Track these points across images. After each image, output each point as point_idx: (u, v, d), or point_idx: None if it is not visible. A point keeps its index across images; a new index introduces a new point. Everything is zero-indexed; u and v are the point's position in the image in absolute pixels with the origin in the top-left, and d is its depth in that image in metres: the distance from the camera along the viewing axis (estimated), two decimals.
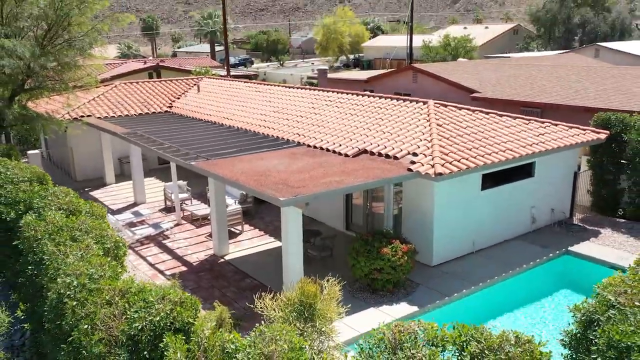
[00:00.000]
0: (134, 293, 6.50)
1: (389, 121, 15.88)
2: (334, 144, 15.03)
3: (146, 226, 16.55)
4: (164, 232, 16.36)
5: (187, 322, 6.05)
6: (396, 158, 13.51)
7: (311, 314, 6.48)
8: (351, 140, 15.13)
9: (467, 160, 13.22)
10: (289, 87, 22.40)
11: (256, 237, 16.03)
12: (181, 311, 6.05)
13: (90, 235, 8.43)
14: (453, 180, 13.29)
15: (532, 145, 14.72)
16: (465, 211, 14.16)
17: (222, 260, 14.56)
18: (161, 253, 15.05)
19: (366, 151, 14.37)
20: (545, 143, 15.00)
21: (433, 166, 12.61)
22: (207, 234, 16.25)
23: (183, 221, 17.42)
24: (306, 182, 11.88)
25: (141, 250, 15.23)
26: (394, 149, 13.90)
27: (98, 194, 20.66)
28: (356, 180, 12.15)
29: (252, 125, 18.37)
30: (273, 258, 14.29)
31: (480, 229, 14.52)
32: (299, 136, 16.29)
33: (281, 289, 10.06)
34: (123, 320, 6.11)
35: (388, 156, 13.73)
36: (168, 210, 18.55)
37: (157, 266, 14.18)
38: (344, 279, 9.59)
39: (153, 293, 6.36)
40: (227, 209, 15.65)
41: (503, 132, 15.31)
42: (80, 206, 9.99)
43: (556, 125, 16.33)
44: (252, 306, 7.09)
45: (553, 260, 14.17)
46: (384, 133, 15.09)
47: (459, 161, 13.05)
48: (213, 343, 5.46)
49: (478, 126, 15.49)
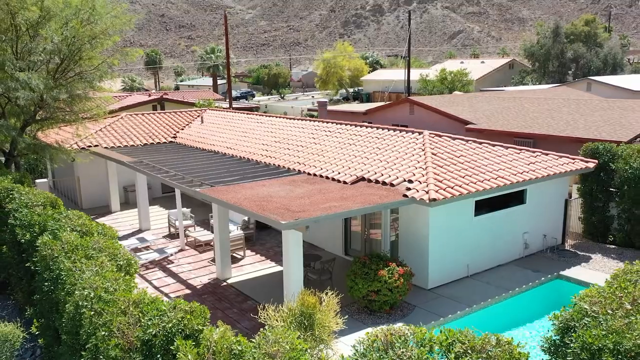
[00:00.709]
0: (147, 303, 7.03)
1: (386, 150, 16.56)
2: (333, 172, 15.68)
3: (151, 251, 17.06)
4: (168, 257, 16.86)
5: (197, 330, 6.56)
6: (392, 185, 14.14)
7: (311, 323, 6.99)
8: (349, 168, 15.79)
9: (460, 187, 13.83)
10: (290, 119, 23.21)
11: (258, 262, 16.52)
12: (191, 319, 6.57)
13: (103, 253, 8.98)
14: (447, 206, 13.90)
15: (523, 173, 15.37)
16: (459, 236, 14.70)
17: (225, 283, 15.03)
18: (166, 277, 15.53)
19: (364, 179, 15.00)
20: (535, 171, 15.64)
21: (427, 192, 13.21)
22: (210, 259, 16.74)
23: (187, 247, 17.93)
24: (306, 207, 12.47)
25: (146, 274, 15.71)
26: (391, 177, 14.54)
27: (104, 221, 21.10)
28: (354, 205, 12.75)
29: (255, 154, 19.05)
30: (274, 281, 14.76)
31: (474, 254, 15.04)
32: (300, 165, 16.95)
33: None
34: (137, 327, 6.62)
35: (385, 183, 14.36)
36: (172, 236, 19.08)
37: (162, 289, 14.65)
38: (343, 301, 10.08)
39: (165, 303, 6.89)
40: (230, 235, 16.18)
41: (495, 161, 15.98)
42: (92, 228, 10.56)
43: (547, 154, 17.01)
44: (257, 317, 7.59)
45: (545, 284, 14.64)
46: (381, 161, 15.76)
47: (453, 188, 13.67)
48: (221, 346, 5.97)
49: (471, 155, 16.17)
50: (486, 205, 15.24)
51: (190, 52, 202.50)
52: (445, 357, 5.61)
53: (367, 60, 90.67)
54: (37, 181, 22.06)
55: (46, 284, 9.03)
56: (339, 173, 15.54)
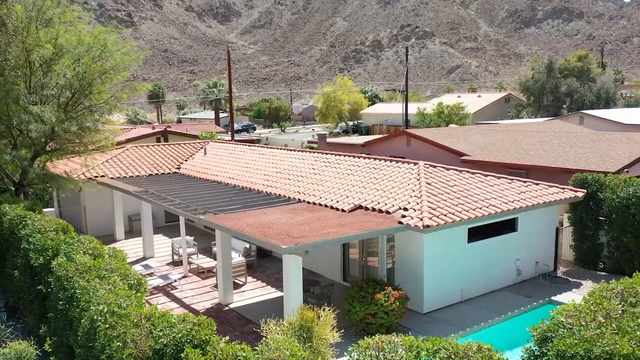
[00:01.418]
0: (158, 317, 7.61)
1: (383, 180, 17.27)
2: (332, 201, 16.34)
3: (155, 277, 17.58)
4: (172, 283, 17.37)
5: (204, 340, 7.12)
6: (388, 212, 14.79)
7: (309, 336, 7.54)
8: (347, 197, 16.46)
9: (453, 214, 14.48)
10: (290, 150, 24.00)
11: (259, 288, 17.03)
12: (199, 330, 7.13)
13: (115, 273, 9.57)
14: (441, 233, 14.51)
15: (514, 201, 16.03)
16: (453, 262, 15.27)
17: (227, 308, 15.52)
18: (169, 302, 16.02)
19: (361, 207, 15.66)
20: (526, 200, 16.31)
21: (421, 219, 13.85)
22: (213, 285, 17.25)
23: (190, 273, 18.45)
24: (306, 233, 13.09)
25: (151, 299, 16.19)
26: (387, 205, 15.20)
27: None
28: (351, 231, 13.37)
29: (256, 184, 19.75)
30: (275, 306, 15.24)
31: (468, 279, 15.57)
32: (300, 194, 17.63)
33: None
34: (150, 338, 7.19)
35: (381, 211, 15.01)
36: (175, 263, 19.61)
37: None
38: (341, 325, 10.60)
39: (174, 316, 7.47)
40: (232, 261, 16.73)
41: (487, 190, 16.66)
42: (103, 251, 11.17)
43: (537, 184, 17.70)
44: (259, 330, 8.15)
45: (537, 309, 15.11)
46: (378, 190, 16.45)
47: (446, 215, 14.32)
48: (227, 353, 6.54)
49: (464, 184, 16.86)
50: (479, 232, 15.84)
51: (192, 86, 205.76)
52: None
53: (366, 94, 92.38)
54: (44, 210, 22.67)
55: (61, 303, 9.59)
56: (338, 201, 16.20)
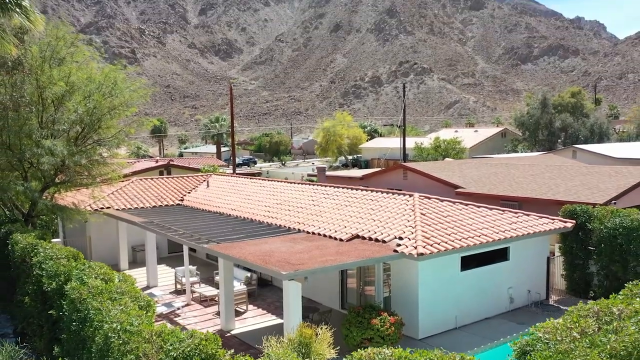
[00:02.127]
0: (168, 333, 8.23)
1: (379, 211, 17.99)
2: (330, 230, 17.02)
3: (159, 305, 18.09)
4: (175, 311, 17.88)
5: (211, 354, 7.73)
6: (384, 241, 15.47)
7: (308, 352, 8.15)
8: (345, 227, 17.15)
9: (447, 243, 15.15)
10: (291, 183, 24.79)
11: (259, 315, 17.54)
12: (206, 344, 7.75)
13: (126, 296, 10.20)
14: (435, 261, 15.15)
15: (505, 231, 16.71)
16: (447, 289, 15.84)
17: (229, 334, 16.01)
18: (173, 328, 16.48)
19: (358, 236, 16.34)
20: (517, 230, 16.98)
21: (416, 247, 14.52)
22: (215, 312, 17.76)
23: (192, 302, 18.97)
24: (305, 260, 13.75)
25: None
26: (383, 234, 15.89)
27: None
28: (349, 259, 14.03)
29: (258, 215, 20.46)
30: (275, 332, 15.71)
31: (461, 307, 16.11)
32: (300, 224, 18.32)
33: None
34: (161, 352, 7.80)
35: (377, 240, 15.68)
36: (178, 292, 20.14)
37: None
38: (339, 352, 11.12)
39: (183, 333, 8.09)
40: (234, 290, 17.29)
41: (479, 220, 17.35)
42: (113, 276, 11.81)
43: (528, 215, 18.41)
44: (260, 347, 8.74)
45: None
46: (374, 221, 17.15)
47: (439, 244, 14.98)
48: None
49: (457, 215, 17.57)
50: (473, 261, 16.46)
51: (194, 121, 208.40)
52: None
53: (365, 128, 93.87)
54: (52, 241, 23.30)
55: (74, 324, 10.19)
56: (336, 231, 16.88)
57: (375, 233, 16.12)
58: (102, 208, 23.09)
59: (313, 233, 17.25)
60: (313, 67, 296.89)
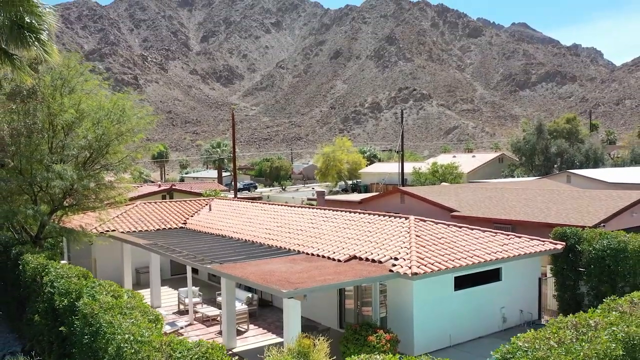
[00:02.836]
0: (177, 343, 8.88)
1: (376, 233, 18.69)
2: (329, 252, 17.70)
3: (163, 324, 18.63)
4: (179, 330, 18.43)
5: None
6: (380, 262, 16.14)
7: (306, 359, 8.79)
8: (343, 248, 17.84)
9: (440, 263, 15.81)
10: (291, 206, 25.52)
11: (260, 334, 18.09)
12: (213, 352, 8.40)
13: (136, 310, 10.86)
14: (429, 281, 15.78)
15: (497, 252, 17.38)
16: (441, 309, 16.44)
17: (231, 352, 16.55)
18: None
19: (356, 257, 17.01)
20: (508, 251, 17.66)
21: (410, 267, 15.18)
22: (217, 332, 18.31)
23: (195, 321, 19.53)
24: (305, 279, 14.41)
25: None
26: (379, 255, 16.57)
27: None
28: (346, 278, 14.69)
29: (259, 237, 21.14)
30: (276, 349, 16.28)
31: (455, 325, 16.68)
32: (299, 246, 19.00)
33: None
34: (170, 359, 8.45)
35: (374, 260, 16.36)
36: (181, 312, 20.70)
37: None
38: None
39: (191, 342, 8.75)
40: (235, 309, 17.88)
41: (472, 242, 18.03)
42: (122, 293, 12.48)
43: (519, 237, 19.09)
44: (262, 356, 9.37)
45: None
46: (371, 242, 17.84)
47: (433, 264, 15.64)
48: None
49: (451, 237, 18.26)
50: (466, 281, 17.09)
51: (195, 146, 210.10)
52: None
53: (365, 154, 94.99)
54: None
55: (86, 337, 10.82)
56: (334, 252, 17.56)
57: (372, 254, 16.79)
58: (108, 230, 23.77)
59: (312, 254, 17.92)
60: (313, 93, 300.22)
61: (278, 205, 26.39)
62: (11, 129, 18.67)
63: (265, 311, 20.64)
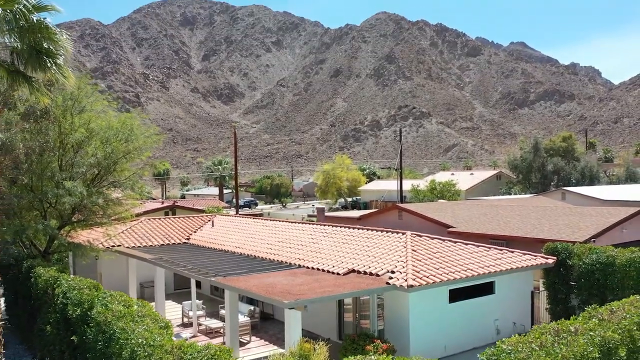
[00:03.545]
0: (187, 346, 9.59)
1: (374, 248, 19.43)
2: (328, 266, 18.42)
3: None
4: None
5: None
6: (378, 275, 16.86)
7: None
8: (342, 262, 18.56)
9: (435, 276, 16.52)
10: (292, 222, 26.27)
11: (262, 346, 18.71)
12: (221, 355, 9.11)
13: (147, 318, 11.56)
14: (424, 293, 16.48)
15: (490, 266, 18.09)
16: (436, 320, 17.11)
17: None
18: None
19: (354, 270, 17.73)
20: (501, 265, 18.37)
21: (406, 280, 15.89)
22: (220, 343, 18.83)
23: (199, 334, 20.15)
24: (305, 291, 15.12)
25: None
26: (377, 268, 17.29)
27: None
28: (345, 290, 15.41)
29: (260, 252, 21.87)
30: (279, 354, 16.91)
31: (450, 336, 17.34)
32: (300, 260, 19.72)
33: None
34: None
35: (372, 274, 17.08)
36: (185, 325, 21.32)
37: None
38: None
39: (200, 346, 9.47)
40: (238, 321, 18.52)
41: (466, 256, 18.76)
42: (132, 302, 13.18)
43: (512, 252, 19.82)
44: (265, 358, 10.06)
45: None
46: (369, 257, 18.57)
47: (428, 277, 16.36)
48: None
49: (446, 252, 18.99)
50: (460, 294, 17.77)
51: (195, 163, 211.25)
52: None
53: (364, 171, 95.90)
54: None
55: (100, 343, 11.51)
56: (333, 266, 18.28)
57: (369, 267, 17.51)
58: (114, 246, 24.48)
59: (312, 268, 18.63)
60: (313, 111, 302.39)
61: (279, 221, 27.14)
62: (26, 148, 19.48)
63: (266, 324, 21.27)
